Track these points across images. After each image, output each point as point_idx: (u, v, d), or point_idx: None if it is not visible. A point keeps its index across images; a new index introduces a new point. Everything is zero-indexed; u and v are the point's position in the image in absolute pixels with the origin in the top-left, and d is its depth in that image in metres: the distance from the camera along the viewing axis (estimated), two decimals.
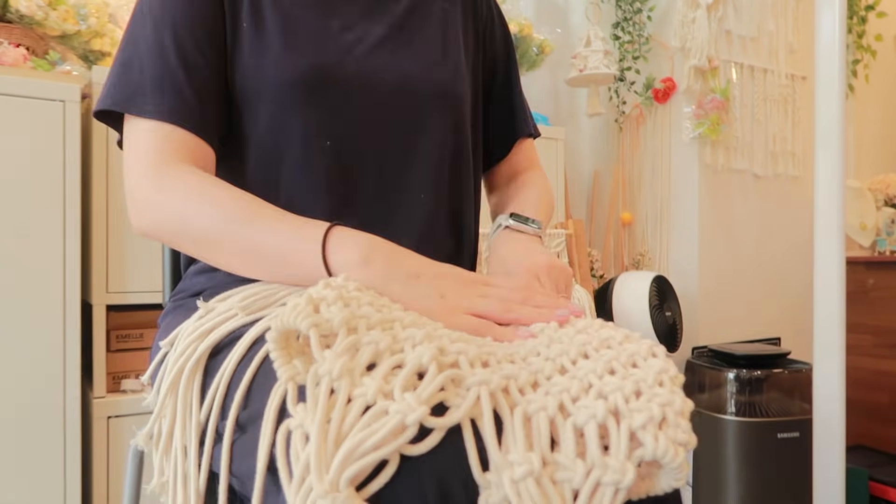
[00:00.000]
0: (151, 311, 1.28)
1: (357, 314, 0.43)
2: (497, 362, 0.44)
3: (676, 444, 0.38)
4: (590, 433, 0.38)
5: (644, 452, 0.37)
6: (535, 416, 0.39)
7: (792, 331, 2.21)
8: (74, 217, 1.14)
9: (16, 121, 1.10)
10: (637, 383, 0.40)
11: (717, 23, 2.02)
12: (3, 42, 1.20)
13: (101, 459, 1.18)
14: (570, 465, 0.37)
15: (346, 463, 0.35)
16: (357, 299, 0.45)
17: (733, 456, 1.66)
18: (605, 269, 2.17)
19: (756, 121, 2.15)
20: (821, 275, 1.27)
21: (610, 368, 0.43)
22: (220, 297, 0.59)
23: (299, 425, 0.38)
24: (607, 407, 0.39)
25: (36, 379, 1.11)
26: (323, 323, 0.41)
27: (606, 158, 2.25)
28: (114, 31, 1.36)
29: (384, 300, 0.50)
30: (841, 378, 1.25)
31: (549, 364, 0.44)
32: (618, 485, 0.36)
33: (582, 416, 0.39)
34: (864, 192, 2.50)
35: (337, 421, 0.37)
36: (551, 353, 0.46)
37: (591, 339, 0.47)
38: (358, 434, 0.36)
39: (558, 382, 0.42)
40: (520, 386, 0.41)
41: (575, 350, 0.45)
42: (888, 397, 2.16)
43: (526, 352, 0.47)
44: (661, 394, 0.40)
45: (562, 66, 2.09)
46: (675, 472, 0.39)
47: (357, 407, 0.37)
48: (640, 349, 0.44)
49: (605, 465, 0.36)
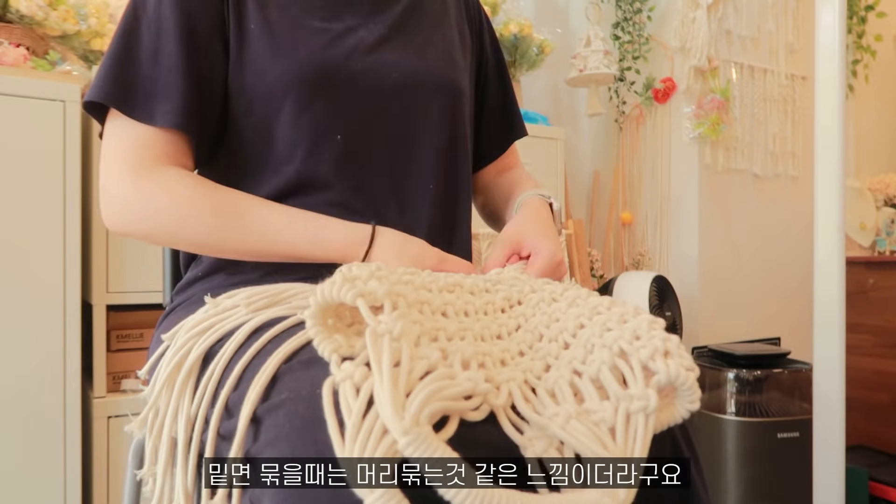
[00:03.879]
0: (151, 311, 1.28)
1: (395, 290, 0.44)
2: (512, 358, 0.47)
3: (685, 368, 0.40)
4: (605, 377, 0.41)
5: (659, 378, 0.40)
6: (556, 385, 0.42)
7: (792, 331, 2.20)
8: (74, 217, 1.14)
9: (16, 121, 1.10)
10: (634, 330, 0.43)
11: (716, 23, 2.02)
12: (4, 42, 1.20)
13: (101, 459, 1.18)
14: (598, 407, 0.40)
15: (427, 401, 0.35)
16: (387, 277, 0.46)
17: (733, 456, 1.66)
18: (605, 269, 2.17)
19: (756, 121, 2.15)
20: (821, 275, 1.27)
21: (606, 328, 0.46)
22: (228, 294, 0.59)
23: (349, 377, 0.38)
24: (613, 353, 0.42)
25: (36, 379, 1.10)
26: (368, 294, 0.42)
27: (606, 158, 2.25)
28: (113, 32, 1.36)
29: (406, 277, 0.51)
30: (841, 378, 1.25)
31: (554, 345, 0.47)
32: (646, 410, 0.39)
33: (594, 368, 0.42)
34: (864, 192, 2.50)
35: (406, 369, 0.37)
36: (552, 333, 0.49)
37: (583, 310, 0.50)
38: (435, 382, 0.37)
39: (565, 356, 0.45)
40: (536, 374, 0.44)
41: (572, 323, 0.48)
42: (888, 397, 2.16)
43: (532, 339, 0.50)
44: (658, 333, 0.43)
45: (562, 66, 2.09)
46: (688, 394, 0.41)
47: (422, 366, 0.38)
48: (627, 310, 0.48)
49: (628, 396, 0.39)
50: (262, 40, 0.66)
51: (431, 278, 0.53)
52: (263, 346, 0.51)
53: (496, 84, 0.87)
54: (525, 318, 0.53)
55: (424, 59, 0.73)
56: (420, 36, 0.74)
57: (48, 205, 1.12)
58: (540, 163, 1.77)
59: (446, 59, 0.75)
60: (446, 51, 0.76)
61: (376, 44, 0.70)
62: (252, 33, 0.66)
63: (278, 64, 0.65)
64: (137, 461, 0.83)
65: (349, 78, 0.67)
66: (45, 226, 1.12)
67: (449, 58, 0.76)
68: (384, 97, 0.69)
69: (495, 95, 0.87)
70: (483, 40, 0.86)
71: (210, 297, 0.58)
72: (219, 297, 0.59)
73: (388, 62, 0.70)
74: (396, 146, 0.70)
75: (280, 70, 0.65)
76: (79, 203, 1.14)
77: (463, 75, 0.77)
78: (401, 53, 0.71)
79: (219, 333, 0.55)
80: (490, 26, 0.88)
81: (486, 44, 0.86)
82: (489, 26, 0.88)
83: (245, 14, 0.67)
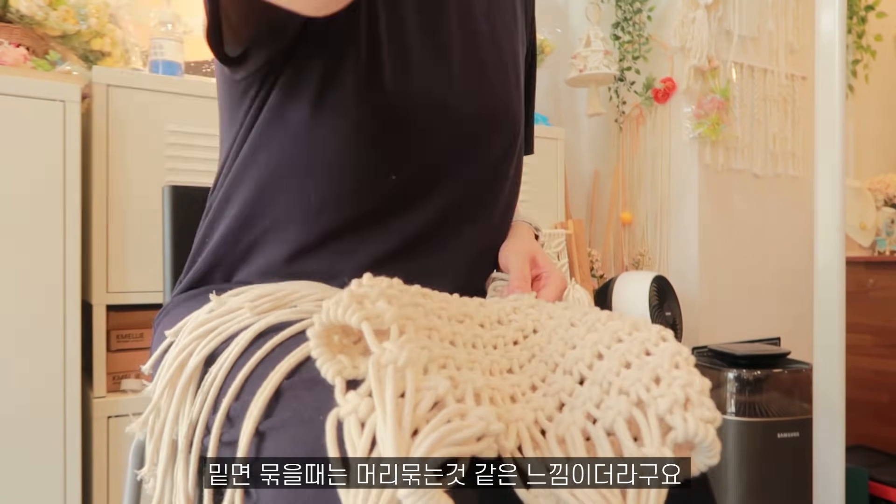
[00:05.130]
0: (151, 311, 1.28)
1: (403, 314, 0.42)
2: (523, 393, 0.44)
3: (705, 422, 0.38)
4: (620, 430, 0.38)
5: (676, 435, 0.38)
6: (567, 433, 0.40)
7: (792, 331, 2.20)
8: (74, 217, 1.14)
9: (16, 121, 1.10)
10: (654, 370, 0.41)
11: (716, 23, 2.02)
12: (4, 42, 1.20)
13: (101, 459, 1.18)
14: (609, 463, 0.37)
15: (434, 448, 0.33)
16: (398, 297, 0.44)
17: (733, 456, 1.66)
18: (605, 269, 2.17)
19: (756, 121, 2.15)
20: (821, 274, 1.27)
21: (625, 362, 0.43)
22: (234, 291, 0.59)
23: (353, 410, 0.35)
24: (630, 401, 0.39)
25: (36, 379, 1.10)
26: (374, 317, 0.39)
27: (606, 158, 2.25)
28: (114, 32, 1.36)
29: (418, 299, 0.50)
30: (841, 378, 1.25)
31: (569, 379, 0.45)
32: None
33: (609, 417, 0.39)
34: (864, 192, 2.50)
35: (411, 402, 0.34)
36: (567, 363, 0.46)
37: (602, 336, 0.47)
38: (442, 425, 0.34)
39: (580, 394, 0.42)
40: (548, 414, 0.42)
41: (589, 352, 0.46)
42: (888, 397, 2.16)
43: (546, 370, 0.47)
44: (680, 376, 0.40)
45: (562, 66, 2.09)
46: (708, 449, 0.39)
47: (428, 399, 0.35)
48: (650, 336, 0.45)
49: (642, 460, 0.37)
50: None
51: (442, 304, 0.51)
52: (267, 354, 0.51)
53: (527, 100, 0.85)
54: (540, 347, 0.50)
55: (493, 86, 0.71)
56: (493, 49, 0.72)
57: (48, 205, 1.12)
58: (540, 163, 1.77)
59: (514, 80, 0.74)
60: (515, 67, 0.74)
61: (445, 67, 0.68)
62: None
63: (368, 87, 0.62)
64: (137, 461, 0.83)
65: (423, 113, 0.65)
66: (45, 226, 1.12)
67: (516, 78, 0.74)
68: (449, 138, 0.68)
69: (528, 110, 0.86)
70: (531, 50, 0.85)
71: (215, 294, 0.58)
72: (224, 294, 0.58)
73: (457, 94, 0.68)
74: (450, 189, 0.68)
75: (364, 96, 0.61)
76: (79, 203, 1.14)
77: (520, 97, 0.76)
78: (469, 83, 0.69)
79: (222, 337, 0.54)
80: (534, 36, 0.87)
81: (533, 46, 0.85)
82: (533, 36, 0.86)
83: None
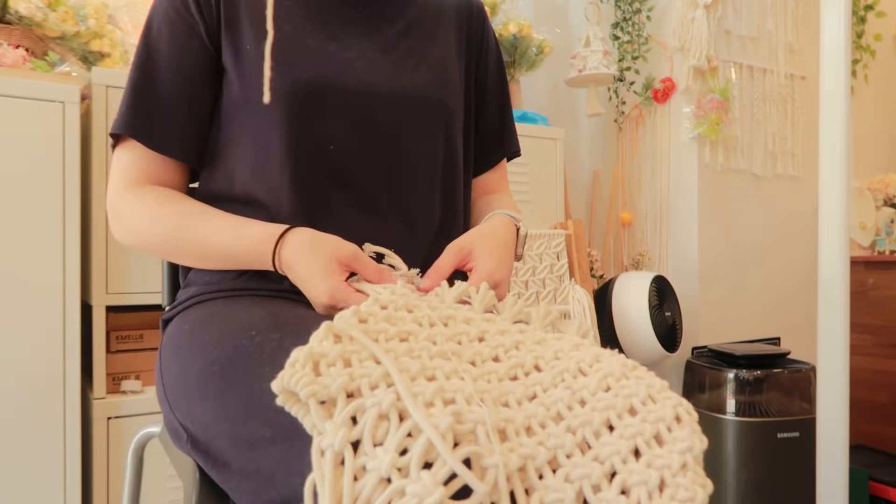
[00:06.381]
0: (151, 311, 1.28)
1: (357, 373, 0.43)
2: (515, 432, 0.42)
3: None
4: None
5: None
6: None
7: (792, 331, 2.20)
8: (74, 218, 1.14)
9: (15, 121, 1.10)
10: (661, 470, 0.39)
11: (716, 22, 2.02)
12: (3, 43, 1.19)
13: (101, 460, 1.18)
14: None
15: None
16: (358, 353, 0.45)
17: (733, 456, 1.66)
18: (604, 269, 2.17)
19: (755, 121, 2.15)
20: (825, 274, 1.27)
21: (634, 447, 0.42)
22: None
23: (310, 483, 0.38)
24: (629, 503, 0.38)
25: (36, 379, 1.10)
26: (321, 390, 0.41)
27: (606, 158, 2.25)
28: (113, 33, 1.36)
29: (400, 323, 0.50)
30: (845, 377, 1.25)
31: (570, 438, 0.42)
32: None
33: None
34: (864, 192, 2.50)
35: (349, 499, 0.36)
36: (573, 421, 0.44)
37: (616, 400, 0.45)
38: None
39: (579, 464, 0.40)
40: (538, 466, 0.40)
41: (599, 418, 0.44)
42: (888, 397, 2.16)
43: (546, 416, 0.45)
44: (683, 483, 0.39)
45: (561, 66, 2.09)
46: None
47: (371, 481, 0.37)
48: (664, 414, 0.43)
49: None
50: (259, 60, 0.69)
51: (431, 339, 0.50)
52: None
53: (497, 101, 0.88)
54: (543, 389, 0.48)
55: (414, 80, 0.75)
56: (413, 58, 0.77)
57: (47, 206, 1.12)
58: (539, 163, 1.77)
59: (438, 79, 0.78)
60: (439, 71, 0.79)
61: (369, 64, 0.73)
62: (248, 54, 0.70)
63: (274, 80, 0.68)
64: (137, 461, 0.83)
65: (342, 94, 0.70)
66: (45, 227, 1.12)
67: (441, 78, 0.78)
68: (375, 115, 0.72)
69: (494, 111, 0.88)
70: (487, 58, 0.87)
71: None
72: None
73: (379, 82, 0.73)
74: (388, 163, 0.73)
75: (275, 86, 0.68)
76: (78, 204, 1.14)
77: (454, 95, 0.80)
78: (391, 74, 0.74)
79: None
80: (496, 42, 0.90)
81: (490, 62, 0.87)
82: (494, 42, 0.89)
83: (241, 36, 0.71)
